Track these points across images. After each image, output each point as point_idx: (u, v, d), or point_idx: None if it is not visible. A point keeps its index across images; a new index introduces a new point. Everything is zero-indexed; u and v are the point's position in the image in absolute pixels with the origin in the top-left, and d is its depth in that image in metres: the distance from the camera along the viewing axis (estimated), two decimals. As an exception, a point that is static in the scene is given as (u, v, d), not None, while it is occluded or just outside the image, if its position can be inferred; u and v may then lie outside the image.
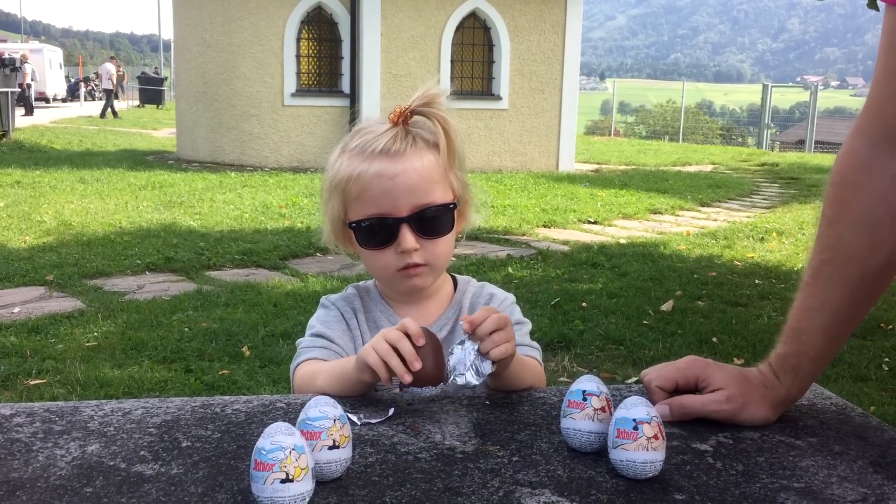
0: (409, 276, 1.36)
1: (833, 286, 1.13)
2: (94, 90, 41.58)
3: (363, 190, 1.32)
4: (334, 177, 1.37)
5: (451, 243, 1.40)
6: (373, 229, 1.34)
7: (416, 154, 1.33)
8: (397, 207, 1.31)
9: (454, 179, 1.38)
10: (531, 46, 13.90)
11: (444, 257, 1.39)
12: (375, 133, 1.34)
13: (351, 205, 1.35)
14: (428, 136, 1.35)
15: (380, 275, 1.40)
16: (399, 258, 1.34)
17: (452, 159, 1.36)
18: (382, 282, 1.44)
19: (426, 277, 1.38)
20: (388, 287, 1.44)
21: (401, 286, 1.40)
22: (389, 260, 1.35)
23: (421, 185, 1.32)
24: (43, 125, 21.50)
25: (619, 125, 32.50)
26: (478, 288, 1.50)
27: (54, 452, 0.98)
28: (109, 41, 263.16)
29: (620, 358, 4.43)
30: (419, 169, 1.32)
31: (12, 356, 4.10)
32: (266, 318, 4.85)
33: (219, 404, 1.16)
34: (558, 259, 6.85)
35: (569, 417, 1.04)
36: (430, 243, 1.34)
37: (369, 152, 1.32)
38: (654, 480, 0.95)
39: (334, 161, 1.38)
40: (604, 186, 11.72)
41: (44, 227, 7.41)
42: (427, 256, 1.34)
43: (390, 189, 1.31)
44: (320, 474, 0.91)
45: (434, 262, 1.36)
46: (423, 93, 1.34)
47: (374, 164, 1.31)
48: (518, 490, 0.92)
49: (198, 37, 13.46)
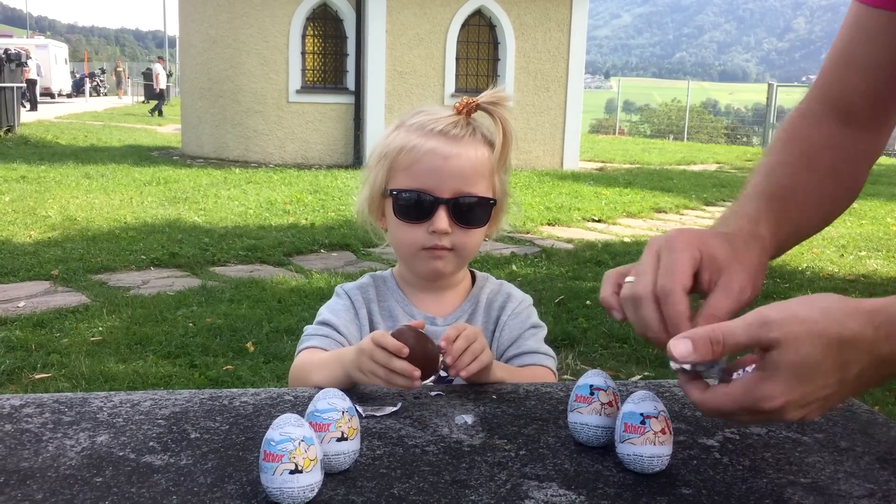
0: (433, 258, 1.38)
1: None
2: (98, 86, 41.62)
3: (413, 162, 1.35)
4: (386, 147, 1.39)
5: (481, 238, 1.42)
6: (412, 202, 1.36)
7: (471, 144, 1.36)
8: (440, 188, 1.34)
9: (498, 181, 1.41)
10: (536, 44, 13.89)
11: (470, 248, 1.41)
12: (438, 115, 1.38)
13: (396, 174, 1.37)
14: (486, 132, 1.39)
15: (405, 250, 1.41)
16: (428, 237, 1.36)
17: (503, 161, 1.39)
18: (404, 260, 1.44)
19: (448, 263, 1.39)
20: (409, 266, 1.44)
21: (422, 266, 1.41)
22: (418, 236, 1.37)
23: (468, 173, 1.35)
24: (48, 120, 21.54)
25: (623, 124, 32.45)
26: (496, 286, 1.51)
27: (64, 443, 0.98)
28: (115, 37, 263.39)
29: (624, 356, 4.43)
30: (471, 158, 1.35)
31: (17, 350, 4.11)
32: (270, 314, 4.85)
33: (227, 396, 1.16)
34: (562, 257, 6.85)
35: (576, 412, 1.04)
36: (461, 231, 1.37)
37: (428, 129, 1.35)
38: (660, 475, 0.96)
39: (388, 134, 1.41)
40: (608, 185, 11.72)
41: (49, 222, 7.42)
42: (455, 242, 1.37)
43: (439, 168, 1.34)
44: (329, 466, 0.92)
45: (460, 250, 1.39)
46: (493, 92, 1.38)
47: (431, 141, 1.35)
48: (525, 483, 0.93)
49: (203, 33, 13.47)
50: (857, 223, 9.31)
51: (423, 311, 1.44)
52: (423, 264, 1.40)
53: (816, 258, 7.19)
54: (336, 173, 11.93)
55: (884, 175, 14.54)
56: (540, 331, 1.46)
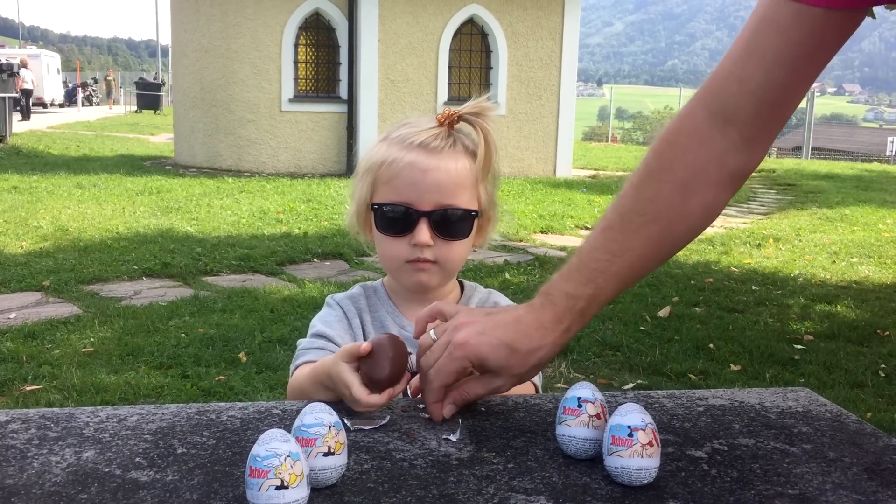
0: (417, 270, 1.38)
1: (638, 239, 1.13)
2: (91, 95, 41.54)
3: (393, 176, 1.35)
4: (369, 160, 1.40)
5: (466, 250, 1.42)
6: (393, 215, 1.37)
7: (452, 156, 1.36)
8: (421, 201, 1.35)
9: (483, 192, 1.41)
10: (528, 52, 13.93)
11: (455, 261, 1.41)
12: (419, 128, 1.38)
13: (379, 188, 1.38)
14: (468, 143, 1.39)
15: (389, 264, 1.42)
16: (411, 250, 1.36)
17: (486, 171, 1.39)
18: (390, 272, 1.45)
19: (433, 276, 1.40)
20: (395, 278, 1.45)
21: (407, 279, 1.41)
22: (401, 250, 1.37)
23: (449, 185, 1.35)
24: (40, 130, 21.49)
25: (616, 131, 32.55)
26: (484, 294, 1.51)
27: (49, 459, 0.98)
28: (107, 46, 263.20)
29: (617, 364, 4.44)
30: (451, 170, 1.35)
31: (8, 362, 4.10)
32: (263, 323, 4.85)
33: (214, 411, 1.16)
34: (555, 265, 6.82)
35: (564, 424, 1.04)
36: (443, 244, 1.37)
37: (408, 143, 1.36)
38: (648, 487, 0.95)
39: (373, 147, 1.42)
40: (601, 192, 11.74)
41: (41, 232, 7.40)
42: (438, 255, 1.37)
43: (419, 181, 1.34)
44: (315, 481, 0.91)
45: (444, 262, 1.39)
46: (476, 103, 1.38)
47: (410, 155, 1.35)
48: (513, 497, 0.92)
49: (195, 42, 13.47)
50: (848, 230, 9.34)
51: (413, 321, 1.43)
52: (408, 277, 1.40)
53: (808, 265, 7.21)
54: (329, 182, 11.93)
55: (875, 182, 14.60)
56: None
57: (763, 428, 1.17)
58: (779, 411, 1.24)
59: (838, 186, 13.51)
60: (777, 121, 1.13)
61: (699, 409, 1.24)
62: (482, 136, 1.37)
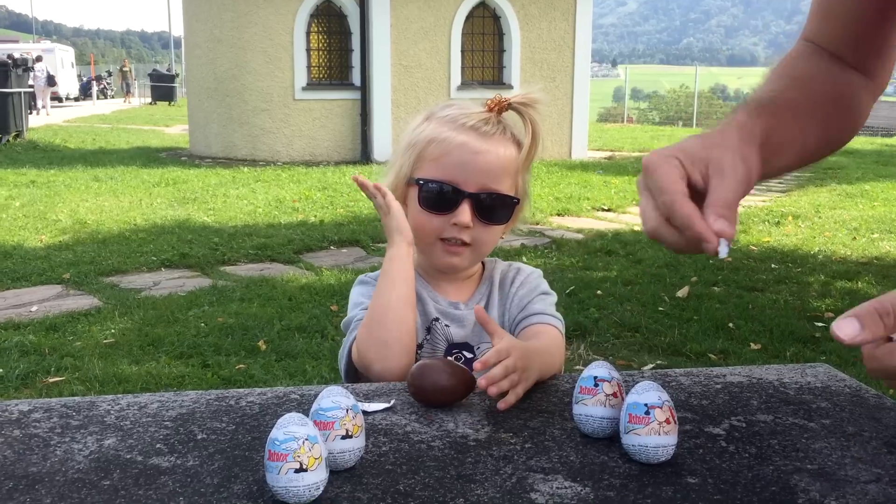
0: (450, 253, 1.40)
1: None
2: (106, 88, 41.74)
3: (442, 154, 1.37)
4: (414, 137, 1.41)
5: (499, 235, 1.44)
6: (437, 192, 1.38)
7: (501, 142, 1.38)
8: (466, 182, 1.36)
9: (521, 182, 1.43)
10: (542, 34, 13.85)
11: (488, 244, 1.43)
12: (470, 111, 1.40)
13: (423, 165, 1.39)
14: (516, 131, 1.41)
15: (423, 239, 1.41)
16: (449, 229, 1.37)
17: (528, 162, 1.41)
18: (422, 249, 1.44)
19: (465, 259, 1.41)
20: (426, 254, 1.45)
21: (438, 259, 1.42)
22: (439, 227, 1.38)
23: (496, 170, 1.37)
24: (56, 124, 21.64)
25: (632, 112, 32.35)
26: (506, 265, 1.53)
27: (72, 447, 0.99)
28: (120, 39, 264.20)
29: (636, 345, 4.43)
30: (500, 156, 1.37)
31: (31, 354, 4.14)
32: (281, 312, 4.87)
33: (233, 397, 1.17)
34: (572, 247, 6.84)
35: (581, 403, 1.04)
36: (482, 227, 1.38)
37: (460, 124, 1.37)
38: (666, 464, 0.95)
39: (417, 125, 1.43)
40: (617, 174, 11.68)
41: (59, 225, 7.46)
42: (475, 237, 1.38)
43: (468, 163, 1.35)
44: (334, 464, 0.92)
45: (479, 245, 1.40)
46: (527, 93, 1.40)
47: (462, 136, 1.36)
48: (531, 476, 0.93)
49: (207, 33, 13.49)
50: (869, 205, 9.25)
51: (444, 296, 1.46)
52: (439, 257, 1.42)
53: (829, 241, 7.15)
54: (344, 169, 11.93)
55: (895, 156, 14.44)
56: (548, 297, 1.47)
57: (781, 404, 1.17)
58: (797, 387, 1.24)
59: (858, 162, 13.37)
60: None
61: (717, 386, 1.24)
62: (529, 127, 1.38)
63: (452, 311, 1.44)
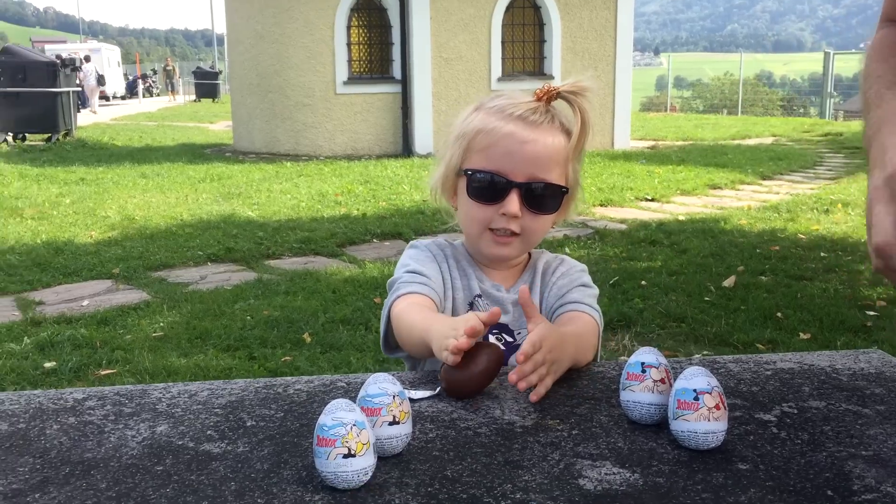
0: (498, 244, 1.40)
1: None
2: (151, 87, 42.41)
3: (490, 145, 1.36)
4: (464, 127, 1.41)
5: (549, 225, 1.44)
6: (485, 183, 1.37)
7: (549, 131, 1.37)
8: (515, 172, 1.35)
9: (571, 170, 1.42)
10: (583, 24, 13.73)
11: (537, 234, 1.42)
12: (518, 100, 1.39)
13: (472, 156, 1.39)
14: (564, 120, 1.40)
15: (471, 229, 1.42)
16: (498, 219, 1.37)
17: (578, 151, 1.40)
18: (470, 239, 1.45)
19: (513, 248, 1.41)
20: (474, 245, 1.46)
21: (486, 248, 1.42)
22: (488, 217, 1.38)
23: (544, 159, 1.36)
24: (104, 123, 22.04)
25: (675, 100, 31.94)
26: (552, 256, 1.53)
27: (125, 433, 1.01)
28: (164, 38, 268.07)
29: (682, 335, 4.38)
30: (548, 145, 1.36)
31: (83, 348, 4.23)
32: (326, 304, 4.91)
33: (281, 385, 1.18)
34: (616, 238, 6.78)
35: (628, 390, 1.04)
36: (530, 216, 1.38)
37: (508, 114, 1.37)
38: (716, 451, 0.94)
39: (466, 116, 1.43)
40: (661, 163, 11.55)
41: (108, 221, 7.61)
42: (524, 227, 1.38)
43: (516, 152, 1.35)
44: (381, 450, 0.92)
45: (528, 235, 1.40)
46: (576, 81, 1.39)
47: (509, 125, 1.36)
48: (578, 462, 0.92)
49: (250, 29, 13.62)
50: (921, 191, 9.01)
51: (490, 279, 1.46)
52: (488, 247, 1.41)
53: (879, 229, 6.99)
54: (385, 163, 11.98)
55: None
56: (588, 289, 1.46)
57: (834, 390, 1.15)
58: (850, 373, 1.22)
59: (909, 147, 13.01)
60: None
61: (767, 373, 1.22)
62: (579, 116, 1.37)
63: (494, 293, 1.44)
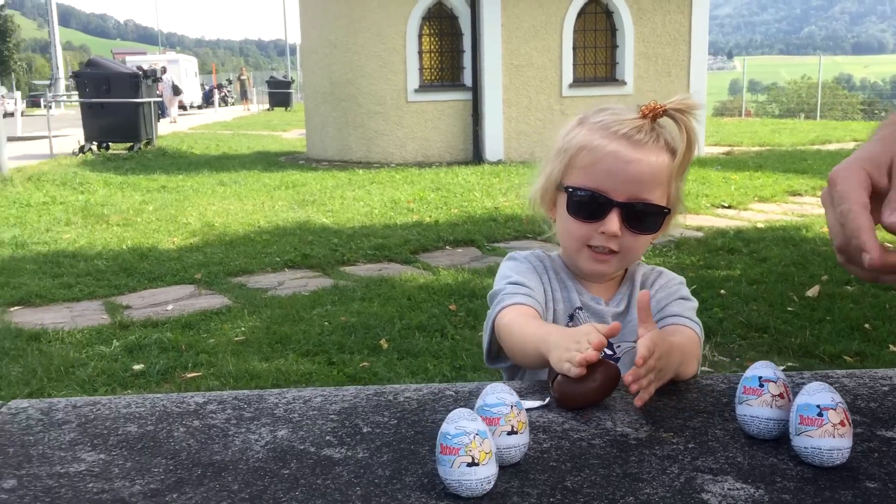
0: (596, 261, 1.39)
1: None
2: (226, 96, 43.45)
3: (593, 162, 1.35)
4: (567, 142, 1.40)
5: (648, 243, 1.42)
6: (586, 201, 1.37)
7: (654, 150, 1.35)
8: (616, 191, 1.34)
9: (673, 189, 1.40)
10: (656, 28, 13.57)
11: (635, 252, 1.41)
12: (623, 117, 1.38)
13: (573, 172, 1.38)
14: (669, 138, 1.38)
15: (570, 245, 1.42)
16: (597, 237, 1.37)
17: (682, 170, 1.38)
18: (569, 253, 1.45)
19: (611, 266, 1.41)
20: (571, 260, 1.46)
21: (584, 265, 1.42)
22: (587, 234, 1.38)
23: (647, 180, 1.34)
24: (182, 132, 22.66)
25: (749, 105, 31.27)
26: (649, 268, 1.52)
27: (249, 437, 1.04)
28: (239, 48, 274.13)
29: (765, 346, 4.28)
30: (652, 164, 1.34)
31: (169, 351, 4.36)
32: (401, 311, 4.95)
33: (391, 392, 1.20)
34: (692, 246, 6.68)
35: (745, 404, 1.02)
36: (630, 236, 1.37)
37: (612, 131, 1.35)
38: (841, 468, 0.92)
39: (569, 130, 1.42)
40: (737, 169, 11.33)
41: (189, 228, 7.82)
42: (623, 245, 1.37)
43: (619, 172, 1.34)
44: (500, 459, 0.93)
45: (626, 253, 1.39)
46: (683, 99, 1.37)
47: (613, 144, 1.34)
48: (699, 477, 0.92)
49: (323, 39, 13.85)
50: None
51: (589, 291, 1.46)
52: (586, 263, 1.41)
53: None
54: (456, 170, 12.03)
55: None
56: (688, 302, 1.44)
57: (958, 408, 1.11)
58: (973, 391, 1.18)
59: None
60: None
61: (884, 388, 1.19)
62: (685, 134, 1.35)
63: (594, 306, 1.44)
